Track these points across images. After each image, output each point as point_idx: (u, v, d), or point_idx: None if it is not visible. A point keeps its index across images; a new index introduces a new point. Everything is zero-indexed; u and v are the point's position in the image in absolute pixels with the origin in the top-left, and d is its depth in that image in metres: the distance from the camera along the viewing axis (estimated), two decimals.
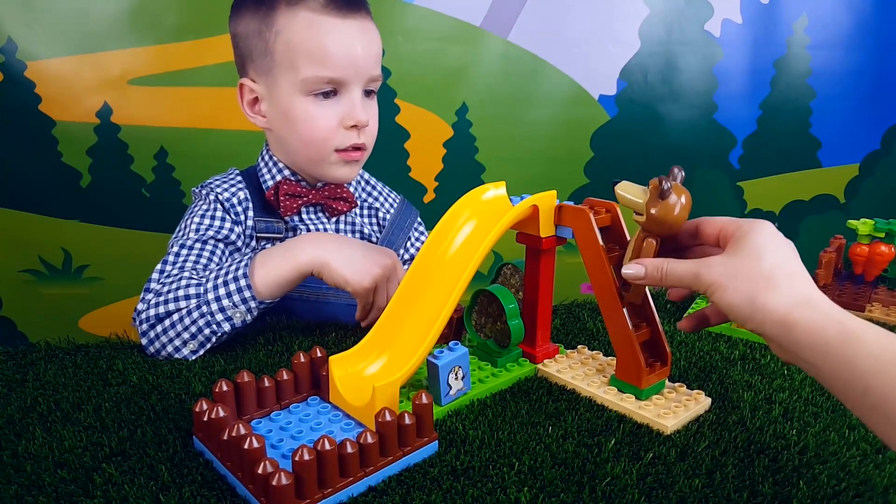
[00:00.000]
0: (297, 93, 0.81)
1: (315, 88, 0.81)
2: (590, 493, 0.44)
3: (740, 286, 0.46)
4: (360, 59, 0.82)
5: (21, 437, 0.52)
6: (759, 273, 0.45)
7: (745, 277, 0.46)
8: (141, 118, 1.46)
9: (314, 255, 0.71)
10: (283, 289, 0.72)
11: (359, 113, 0.83)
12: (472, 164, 1.68)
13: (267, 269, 0.70)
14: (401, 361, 0.55)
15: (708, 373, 0.63)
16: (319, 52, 0.79)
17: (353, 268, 0.70)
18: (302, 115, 0.82)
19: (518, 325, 0.61)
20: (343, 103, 0.83)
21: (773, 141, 1.78)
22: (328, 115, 0.82)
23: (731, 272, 0.46)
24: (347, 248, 0.72)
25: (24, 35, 1.36)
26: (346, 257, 0.71)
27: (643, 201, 0.51)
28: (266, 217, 0.87)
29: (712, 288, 0.47)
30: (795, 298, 0.44)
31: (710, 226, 0.51)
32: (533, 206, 0.58)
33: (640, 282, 0.52)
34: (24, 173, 1.44)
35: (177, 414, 0.55)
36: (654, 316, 0.57)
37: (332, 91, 0.82)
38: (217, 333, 0.69)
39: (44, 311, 1.54)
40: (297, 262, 0.71)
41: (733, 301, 0.46)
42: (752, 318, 0.45)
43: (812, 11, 1.72)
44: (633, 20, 1.66)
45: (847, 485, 0.45)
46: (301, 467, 0.41)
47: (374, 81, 0.86)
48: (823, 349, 0.42)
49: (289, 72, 0.80)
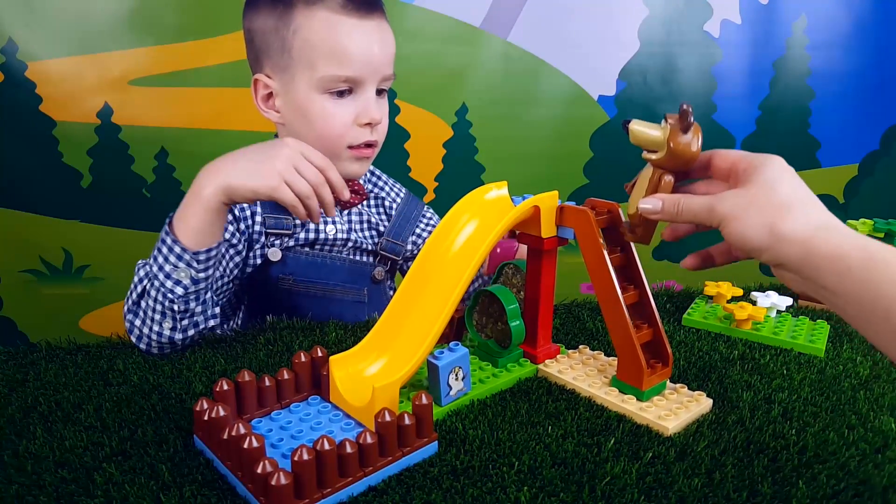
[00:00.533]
0: (314, 90, 0.82)
1: (332, 87, 0.82)
2: (589, 493, 0.44)
3: (756, 216, 0.45)
4: (377, 59, 0.83)
5: (22, 436, 0.52)
6: (775, 202, 0.45)
7: (761, 207, 0.45)
8: (142, 118, 1.47)
9: (214, 185, 0.68)
10: (208, 233, 0.69)
11: (373, 111, 0.84)
12: (472, 165, 1.68)
13: (184, 218, 0.69)
14: (401, 362, 0.55)
15: (707, 373, 0.64)
16: (339, 52, 0.80)
17: (254, 176, 0.67)
18: (318, 112, 0.83)
19: (519, 325, 0.61)
20: (358, 101, 0.84)
21: (772, 141, 1.78)
22: (344, 113, 0.83)
23: (745, 203, 0.46)
24: (241, 160, 0.69)
25: (25, 35, 1.36)
26: (243, 169, 0.68)
27: (662, 136, 0.51)
28: (276, 213, 0.88)
29: (727, 220, 0.47)
30: (815, 224, 0.44)
31: (723, 159, 0.51)
32: (534, 207, 0.58)
33: (657, 216, 0.52)
34: (24, 174, 1.44)
35: (177, 413, 0.55)
36: (655, 316, 0.57)
37: (348, 89, 0.83)
38: (173, 300, 0.69)
39: (44, 311, 1.55)
40: (203, 199, 0.68)
41: (748, 232, 0.46)
42: (771, 248, 0.45)
43: (811, 12, 1.72)
44: (633, 21, 1.67)
45: (846, 484, 0.45)
46: (300, 467, 0.41)
47: (387, 80, 0.87)
48: (846, 274, 0.41)
49: (307, 70, 0.81)
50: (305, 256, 0.90)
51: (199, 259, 0.69)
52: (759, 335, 0.73)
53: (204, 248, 0.70)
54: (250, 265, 0.88)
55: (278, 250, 0.88)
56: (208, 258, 0.70)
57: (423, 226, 1.01)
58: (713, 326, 0.76)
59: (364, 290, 0.93)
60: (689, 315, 0.78)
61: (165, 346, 0.71)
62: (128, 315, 0.72)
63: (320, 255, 0.91)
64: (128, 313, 0.72)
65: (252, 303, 0.92)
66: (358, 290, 0.92)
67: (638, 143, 0.53)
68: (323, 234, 0.90)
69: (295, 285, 0.89)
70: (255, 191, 0.67)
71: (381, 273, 0.95)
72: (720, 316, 0.77)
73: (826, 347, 0.70)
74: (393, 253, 0.96)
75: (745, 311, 0.73)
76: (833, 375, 0.63)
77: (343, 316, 0.83)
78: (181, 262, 0.69)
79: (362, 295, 0.93)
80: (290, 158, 0.68)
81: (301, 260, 0.89)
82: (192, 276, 0.70)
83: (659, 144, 0.51)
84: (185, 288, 0.70)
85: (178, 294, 0.69)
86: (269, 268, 0.88)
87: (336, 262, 0.91)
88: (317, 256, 0.90)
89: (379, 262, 0.96)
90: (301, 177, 0.68)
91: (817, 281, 0.43)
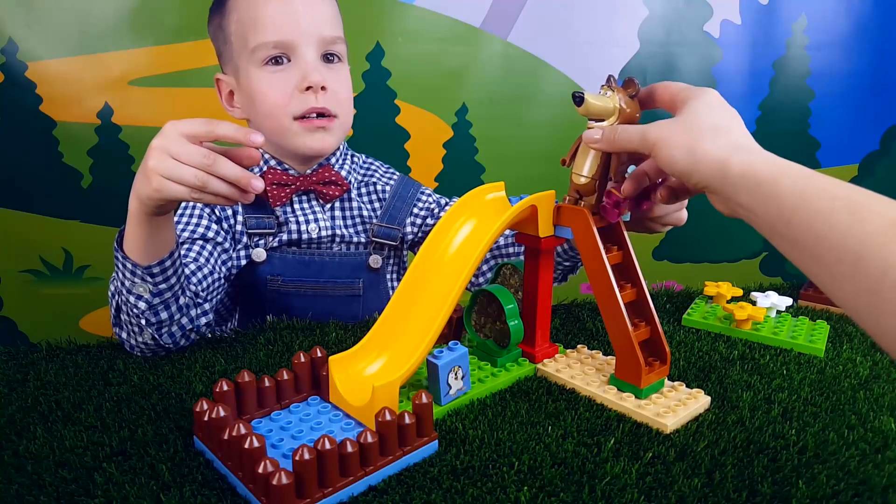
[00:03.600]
0: (252, 67, 0.82)
1: (265, 56, 0.81)
2: (589, 493, 0.44)
3: (680, 140, 0.48)
4: (304, 19, 0.81)
5: (22, 436, 0.52)
6: (699, 126, 0.48)
7: (686, 132, 0.48)
8: (142, 119, 1.46)
9: (133, 197, 0.62)
10: (150, 245, 0.64)
11: (311, 74, 0.81)
12: (471, 165, 1.68)
13: (127, 234, 0.65)
14: (401, 361, 0.55)
15: (707, 373, 0.64)
16: (262, 19, 0.81)
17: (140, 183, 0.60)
18: (257, 88, 0.83)
19: (517, 325, 0.61)
20: (296, 67, 0.82)
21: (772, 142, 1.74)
22: (281, 81, 0.82)
23: (673, 129, 0.49)
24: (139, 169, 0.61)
25: (25, 35, 1.36)
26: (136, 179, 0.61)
27: (613, 104, 0.54)
28: (256, 213, 0.86)
29: (657, 146, 0.49)
30: (733, 145, 0.46)
31: (665, 89, 0.54)
32: (532, 207, 0.58)
33: (597, 145, 0.55)
34: (25, 174, 1.44)
35: (177, 413, 0.55)
36: (653, 315, 0.58)
37: (284, 57, 0.82)
38: (139, 315, 0.66)
39: (45, 311, 1.54)
40: (131, 214, 0.63)
41: (674, 154, 0.48)
42: (690, 170, 0.47)
43: (811, 12, 1.72)
44: (633, 21, 1.67)
45: (846, 485, 0.45)
46: (301, 467, 0.41)
47: (333, 44, 0.84)
48: (755, 190, 0.43)
49: (243, 51, 0.82)
50: (292, 255, 0.87)
51: (152, 273, 0.65)
52: (758, 335, 0.73)
53: (155, 260, 0.65)
54: (236, 266, 0.86)
55: (262, 250, 0.86)
56: (163, 269, 0.66)
57: (422, 205, 0.96)
58: (713, 327, 0.76)
59: (359, 282, 0.90)
60: (689, 315, 0.78)
61: (159, 350, 0.70)
62: (114, 329, 0.71)
63: (307, 253, 0.88)
64: (114, 327, 0.71)
65: (244, 307, 0.90)
66: (352, 284, 0.90)
67: (589, 115, 0.56)
68: (306, 234, 0.88)
69: (285, 285, 0.87)
70: (149, 197, 0.59)
71: (377, 261, 0.91)
72: (720, 316, 0.77)
73: (826, 347, 0.70)
74: (388, 238, 0.92)
75: (745, 312, 0.73)
76: (833, 375, 0.63)
77: (338, 311, 0.81)
78: (136, 277, 0.65)
79: (357, 288, 0.90)
80: (163, 148, 0.58)
81: (288, 259, 0.87)
82: (150, 290, 0.66)
83: (610, 112, 0.55)
84: (148, 302, 0.66)
85: (142, 308, 0.66)
86: (257, 269, 0.86)
87: (325, 258, 0.89)
88: (304, 254, 0.88)
89: (375, 249, 0.92)
90: (181, 164, 0.57)
91: (735, 199, 0.45)
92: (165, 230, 0.65)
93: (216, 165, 0.58)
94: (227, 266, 0.86)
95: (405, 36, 1.55)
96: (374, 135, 1.57)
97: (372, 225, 0.92)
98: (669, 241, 1.82)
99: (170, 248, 0.66)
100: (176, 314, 0.69)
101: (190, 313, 0.71)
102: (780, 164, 0.44)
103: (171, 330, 0.69)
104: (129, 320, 0.68)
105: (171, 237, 0.67)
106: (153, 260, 0.65)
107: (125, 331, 0.70)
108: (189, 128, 0.59)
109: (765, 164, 0.44)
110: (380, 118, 1.58)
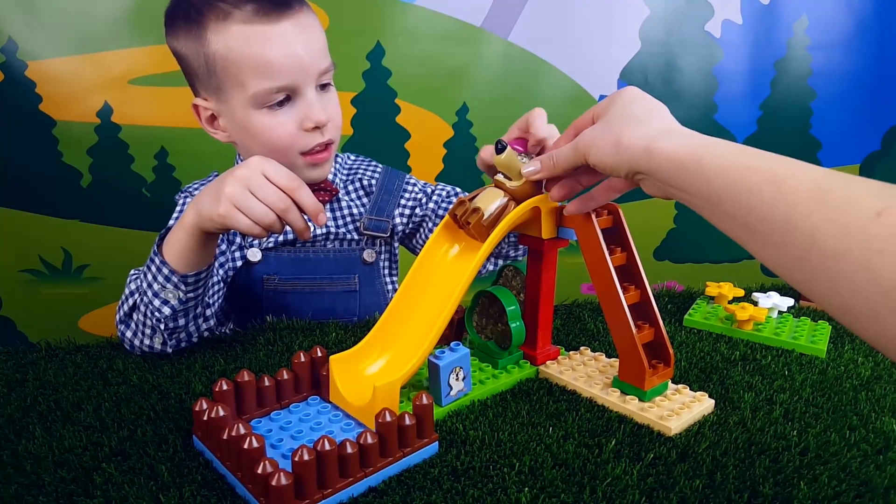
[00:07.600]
0: (250, 107, 0.78)
1: (267, 100, 0.78)
2: (590, 494, 0.44)
3: (606, 138, 0.48)
4: (305, 60, 0.78)
5: (21, 436, 0.52)
6: (620, 121, 0.48)
7: (608, 130, 0.49)
8: (141, 118, 1.46)
9: (192, 212, 0.64)
10: (192, 257, 0.66)
11: (317, 113, 0.80)
12: (472, 165, 1.66)
13: (172, 241, 0.66)
14: (402, 361, 0.54)
15: (709, 373, 0.63)
16: (262, 65, 0.76)
17: (210, 204, 0.63)
18: (259, 128, 0.79)
19: (519, 327, 0.61)
20: (299, 107, 0.80)
21: (773, 142, 1.78)
22: (286, 122, 0.79)
23: (597, 131, 0.50)
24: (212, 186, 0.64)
25: (25, 35, 1.36)
26: (207, 196, 0.64)
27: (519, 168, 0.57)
28: None
29: (588, 152, 0.50)
30: (656, 130, 0.46)
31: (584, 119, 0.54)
32: (535, 208, 0.58)
33: (539, 175, 0.55)
34: (24, 173, 1.44)
35: (177, 413, 0.55)
36: (656, 316, 0.57)
37: (286, 98, 0.79)
38: (160, 319, 0.67)
39: (44, 310, 1.54)
40: (185, 226, 0.65)
41: (602, 153, 0.49)
42: (618, 162, 0.48)
43: (812, 12, 1.72)
44: (634, 21, 1.66)
45: (848, 486, 0.45)
46: (301, 467, 0.41)
47: (326, 74, 0.82)
48: (682, 171, 0.44)
49: (237, 89, 0.78)
50: (288, 254, 0.88)
51: (187, 282, 0.67)
52: (760, 336, 0.72)
53: (193, 271, 0.67)
54: (233, 268, 0.86)
55: (258, 250, 0.86)
56: (198, 280, 0.68)
57: (409, 195, 0.95)
58: (714, 327, 0.76)
59: (354, 277, 0.91)
60: (691, 316, 0.78)
61: (161, 352, 0.70)
62: (119, 326, 0.71)
63: (303, 251, 0.89)
64: (119, 324, 0.71)
65: (241, 307, 0.90)
66: (348, 279, 0.90)
67: (500, 165, 0.58)
68: None
69: (281, 284, 0.87)
70: (212, 219, 0.62)
71: (371, 255, 0.91)
72: (721, 317, 0.77)
73: (827, 348, 0.70)
74: (379, 231, 0.92)
75: (747, 312, 0.73)
76: (834, 376, 0.63)
77: (335, 308, 0.81)
78: (169, 283, 0.67)
79: (353, 283, 0.90)
80: (244, 180, 0.62)
81: (284, 258, 0.88)
82: (179, 298, 0.67)
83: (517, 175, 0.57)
84: (173, 308, 0.67)
85: (166, 314, 0.67)
86: (253, 269, 0.87)
87: (320, 255, 0.89)
88: (299, 252, 0.88)
89: (367, 243, 0.92)
90: (257, 199, 0.61)
91: (667, 182, 0.45)
92: (211, 246, 0.68)
93: (288, 213, 0.63)
94: (225, 268, 0.86)
95: (406, 35, 1.55)
96: (375, 134, 1.57)
97: (362, 219, 0.92)
98: (671, 241, 1.82)
99: (209, 261, 0.69)
100: (190, 322, 0.71)
101: (198, 321, 0.72)
102: (703, 141, 0.44)
103: (180, 336, 0.71)
104: (142, 321, 0.69)
105: (213, 252, 0.69)
106: (191, 270, 0.67)
107: (132, 330, 0.70)
108: (275, 173, 0.63)
109: (688, 145, 0.44)
110: (380, 118, 1.58)
